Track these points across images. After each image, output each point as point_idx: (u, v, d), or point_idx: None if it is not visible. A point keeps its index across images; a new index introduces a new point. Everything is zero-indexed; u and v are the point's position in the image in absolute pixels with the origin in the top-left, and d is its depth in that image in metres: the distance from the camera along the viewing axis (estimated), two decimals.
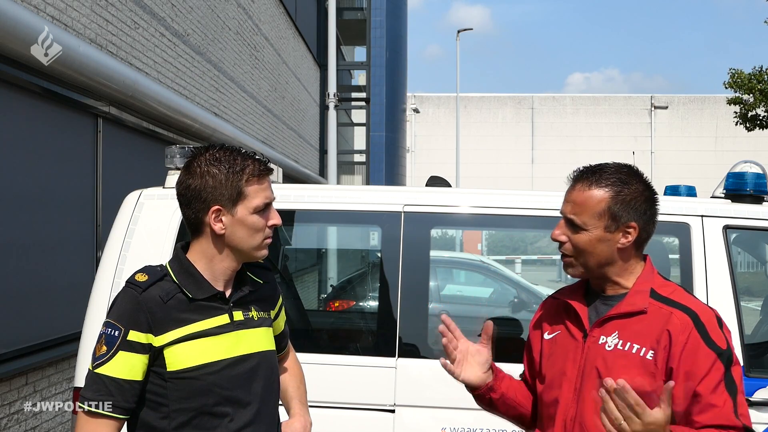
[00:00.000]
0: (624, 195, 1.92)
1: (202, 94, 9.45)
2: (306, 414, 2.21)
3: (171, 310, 1.89)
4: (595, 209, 1.92)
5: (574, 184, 1.99)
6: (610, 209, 1.92)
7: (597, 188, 1.93)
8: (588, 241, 1.94)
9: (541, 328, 2.14)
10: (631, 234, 1.94)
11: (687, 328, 1.86)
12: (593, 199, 1.93)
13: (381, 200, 3.35)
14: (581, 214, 1.94)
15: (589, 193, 1.93)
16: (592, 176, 1.96)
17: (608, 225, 1.92)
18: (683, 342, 1.84)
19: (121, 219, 3.25)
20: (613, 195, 1.92)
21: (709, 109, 44.57)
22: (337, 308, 6.01)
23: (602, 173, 1.95)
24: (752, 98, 19.47)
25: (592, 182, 1.94)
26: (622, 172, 1.96)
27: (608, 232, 1.93)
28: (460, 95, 32.14)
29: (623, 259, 1.97)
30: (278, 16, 14.55)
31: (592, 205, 1.92)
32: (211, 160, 1.92)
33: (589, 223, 1.93)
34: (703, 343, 1.84)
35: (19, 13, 4.71)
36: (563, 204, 2.00)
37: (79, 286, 5.51)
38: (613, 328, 1.93)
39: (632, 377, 1.86)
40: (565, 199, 2.00)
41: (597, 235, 1.93)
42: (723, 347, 1.85)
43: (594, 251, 1.94)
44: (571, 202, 1.97)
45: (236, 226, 1.93)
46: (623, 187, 1.93)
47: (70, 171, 5.87)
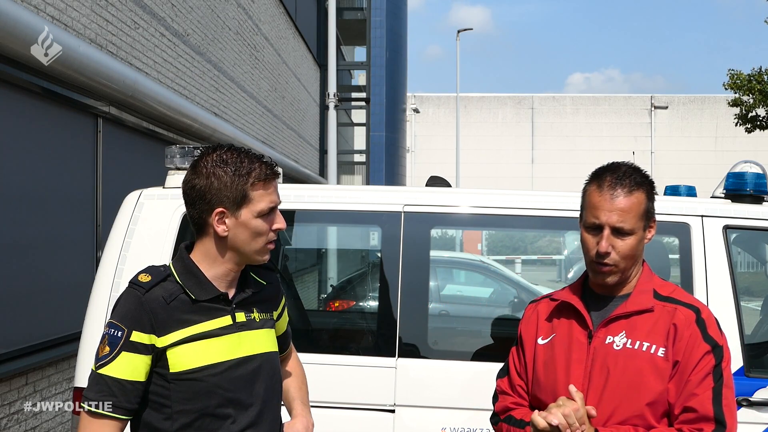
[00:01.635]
0: (651, 191, 1.99)
1: (202, 94, 9.45)
2: (308, 415, 2.21)
3: (174, 311, 1.89)
4: (639, 211, 1.95)
5: (612, 191, 1.95)
6: (647, 208, 1.97)
7: (637, 191, 1.96)
8: (635, 245, 1.96)
9: (533, 332, 2.11)
10: (653, 228, 2.01)
11: (690, 322, 1.91)
12: (637, 203, 1.95)
13: (381, 200, 3.35)
14: (629, 220, 1.94)
15: (632, 197, 1.95)
16: (625, 180, 1.96)
17: (645, 224, 1.98)
18: (687, 336, 1.89)
19: (121, 219, 3.25)
20: (647, 194, 1.98)
21: (709, 110, 44.57)
22: (337, 308, 6.00)
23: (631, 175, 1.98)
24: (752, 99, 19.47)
25: (631, 186, 1.96)
26: (634, 168, 2.01)
27: (642, 232, 1.98)
28: (460, 95, 32.13)
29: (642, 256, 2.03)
30: (278, 16, 14.55)
31: (636, 209, 1.95)
32: (218, 162, 1.91)
33: (636, 227, 1.95)
34: (700, 337, 1.90)
35: (19, 13, 4.71)
36: (604, 214, 1.94)
37: (79, 286, 5.51)
38: (620, 328, 1.94)
39: (644, 377, 1.88)
40: (603, 208, 1.95)
41: (639, 236, 1.97)
42: (719, 342, 1.91)
43: (636, 253, 1.98)
44: (617, 211, 1.94)
45: (239, 229, 1.92)
46: (648, 182, 1.99)
47: (70, 171, 5.87)
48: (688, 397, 1.86)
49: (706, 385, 1.86)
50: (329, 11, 13.18)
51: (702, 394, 1.85)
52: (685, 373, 1.87)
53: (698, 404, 1.84)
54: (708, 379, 1.86)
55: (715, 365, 1.88)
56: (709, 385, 1.86)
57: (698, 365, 1.87)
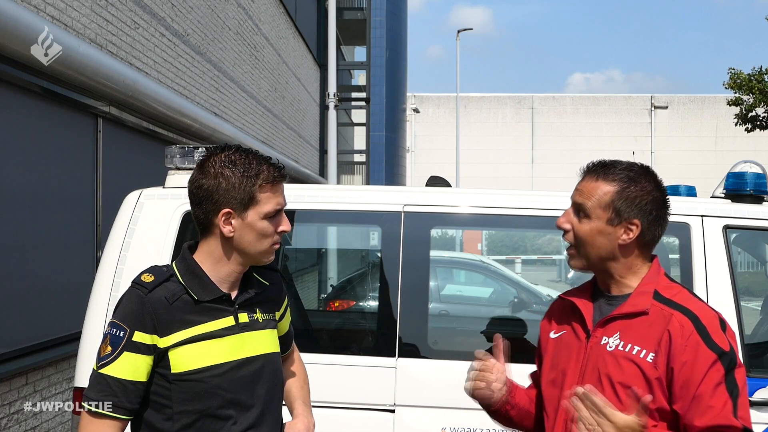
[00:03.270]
0: (630, 192, 1.95)
1: (202, 94, 9.45)
2: (309, 415, 2.21)
3: (176, 311, 1.89)
4: (601, 200, 1.96)
5: (584, 174, 2.04)
6: (614, 203, 1.95)
7: (604, 181, 1.97)
8: (589, 231, 1.96)
9: (549, 327, 2.16)
10: (633, 231, 1.95)
11: (687, 330, 1.85)
12: (600, 190, 1.96)
13: (381, 200, 3.35)
14: (587, 201, 1.98)
15: (597, 183, 1.98)
16: (602, 169, 2.00)
17: (611, 218, 1.95)
18: (683, 344, 1.84)
19: (121, 219, 3.25)
20: (619, 190, 1.95)
21: (709, 109, 44.57)
22: (337, 308, 6.01)
23: (614, 167, 2.00)
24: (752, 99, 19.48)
25: (601, 174, 1.99)
26: (632, 169, 1.99)
27: (610, 225, 1.95)
28: (460, 95, 32.12)
29: (625, 256, 1.98)
30: (278, 16, 14.55)
31: (598, 196, 1.96)
32: (226, 162, 1.91)
33: (593, 213, 1.96)
34: (703, 345, 1.83)
35: (19, 13, 4.71)
36: (573, 192, 2.05)
37: (79, 286, 5.51)
38: (615, 329, 1.94)
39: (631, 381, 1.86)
40: (575, 188, 2.05)
41: (598, 226, 1.96)
42: (725, 349, 1.84)
43: (594, 242, 1.97)
44: (579, 190, 2.02)
45: (245, 230, 1.92)
46: (630, 183, 1.96)
47: (70, 171, 5.87)
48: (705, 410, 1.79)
49: (720, 396, 1.80)
50: (329, 11, 13.18)
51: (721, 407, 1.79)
52: (692, 384, 1.81)
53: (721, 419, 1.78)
54: (721, 389, 1.80)
55: (726, 373, 1.81)
56: (724, 396, 1.80)
57: (706, 377, 1.81)
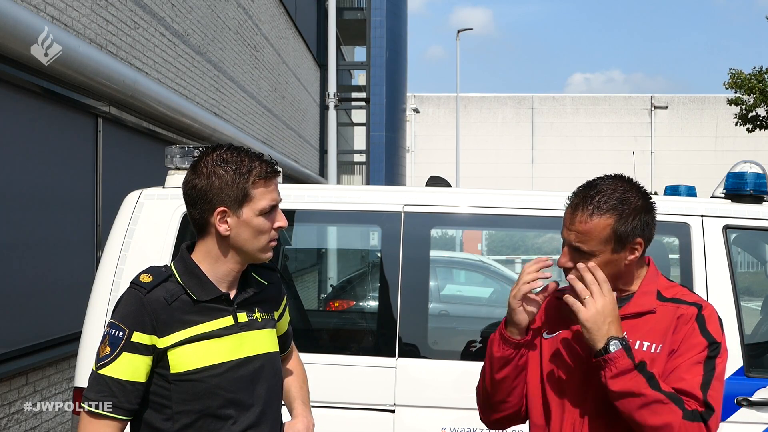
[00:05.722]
0: (626, 215, 1.89)
1: (202, 94, 9.45)
2: (309, 414, 2.21)
3: (175, 311, 1.89)
4: (601, 236, 1.89)
5: (573, 211, 1.93)
6: (616, 233, 1.89)
7: (598, 215, 1.89)
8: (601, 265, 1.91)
9: (540, 328, 2.11)
10: (638, 249, 1.93)
11: (691, 318, 1.91)
12: (597, 228, 1.89)
13: (381, 200, 3.35)
14: (587, 242, 1.90)
15: (592, 222, 1.89)
16: (590, 202, 1.90)
17: (615, 248, 1.90)
18: (685, 330, 1.89)
19: (121, 219, 3.25)
20: (616, 219, 1.89)
21: (709, 109, 44.59)
22: (337, 308, 6.01)
23: (601, 196, 1.90)
24: (752, 99, 19.48)
25: (593, 210, 1.89)
26: (618, 189, 1.92)
27: (616, 254, 1.91)
28: (460, 95, 32.12)
29: (630, 271, 1.98)
30: (278, 16, 14.55)
31: (597, 233, 1.89)
32: (218, 161, 1.91)
33: (597, 249, 1.90)
34: (698, 330, 1.89)
35: (19, 13, 4.71)
36: (565, 231, 1.95)
37: (79, 286, 5.51)
38: (622, 329, 1.94)
39: None
40: (565, 225, 1.95)
41: (605, 258, 1.91)
42: (717, 340, 1.89)
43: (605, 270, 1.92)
44: (575, 231, 1.92)
45: (241, 228, 1.92)
46: (624, 207, 1.89)
47: (70, 171, 5.87)
48: (677, 380, 1.84)
49: (695, 371, 1.84)
50: (329, 11, 13.18)
51: (691, 379, 1.83)
52: (675, 360, 1.87)
53: (687, 386, 1.82)
54: (698, 367, 1.85)
55: (708, 357, 1.86)
56: (698, 372, 1.84)
57: (689, 356, 1.86)
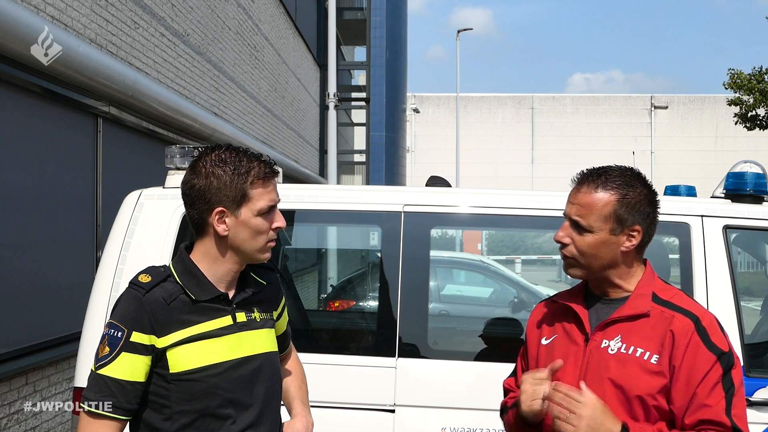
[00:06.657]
0: (629, 198, 1.92)
1: (202, 94, 9.45)
2: (308, 414, 2.21)
3: (174, 311, 1.89)
4: (602, 212, 1.92)
5: (579, 186, 1.98)
6: (616, 212, 1.92)
7: (603, 191, 1.93)
8: (593, 244, 1.93)
9: (538, 333, 2.12)
10: (635, 237, 1.94)
11: (689, 331, 1.87)
12: (600, 202, 1.92)
13: (381, 200, 3.35)
14: (587, 216, 1.93)
15: (596, 195, 1.93)
16: (597, 179, 1.95)
17: (614, 228, 1.92)
18: (685, 345, 1.86)
19: (121, 219, 3.25)
20: (619, 198, 1.92)
21: (709, 109, 44.57)
22: (337, 308, 6.00)
23: (608, 176, 1.95)
24: (752, 99, 19.48)
25: (599, 185, 1.94)
26: (626, 175, 1.96)
27: (613, 235, 1.93)
28: (460, 95, 32.11)
29: (626, 263, 1.97)
30: (278, 16, 14.55)
31: (598, 208, 1.92)
32: (217, 161, 1.91)
33: (595, 226, 1.93)
34: (703, 346, 1.85)
35: (19, 13, 4.71)
36: (567, 206, 1.99)
37: (79, 286, 5.51)
38: (616, 332, 1.93)
39: (634, 379, 1.86)
40: (569, 200, 2.00)
41: (602, 237, 1.93)
42: (725, 350, 1.86)
43: (598, 253, 1.94)
44: (577, 204, 1.96)
45: (240, 228, 1.92)
46: (629, 190, 1.93)
47: (70, 171, 5.87)
48: (699, 409, 1.81)
49: (716, 396, 1.82)
50: (329, 11, 13.18)
51: (715, 405, 1.81)
52: (691, 385, 1.83)
53: (713, 415, 1.80)
54: (718, 389, 1.82)
55: (724, 374, 1.84)
56: (720, 396, 1.82)
57: (706, 377, 1.83)
